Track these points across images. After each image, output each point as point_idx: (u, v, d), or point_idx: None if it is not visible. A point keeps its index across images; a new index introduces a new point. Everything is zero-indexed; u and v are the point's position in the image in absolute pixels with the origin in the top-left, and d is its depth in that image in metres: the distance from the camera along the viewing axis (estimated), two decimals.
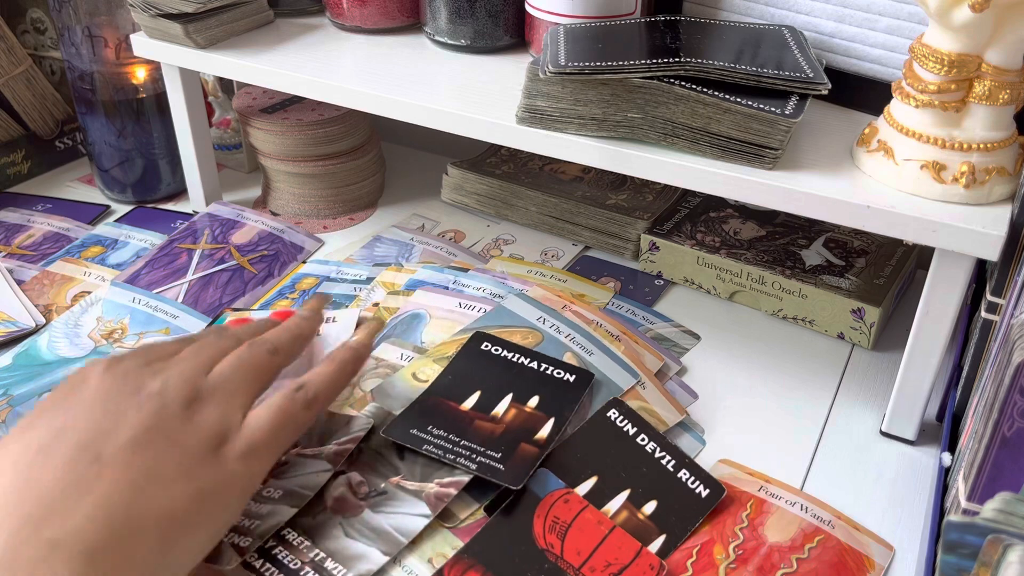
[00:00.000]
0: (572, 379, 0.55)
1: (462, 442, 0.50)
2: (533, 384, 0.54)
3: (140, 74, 0.75)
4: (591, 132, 0.56)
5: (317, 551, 0.45)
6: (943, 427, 0.55)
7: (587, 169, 0.78)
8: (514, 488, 0.48)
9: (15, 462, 0.35)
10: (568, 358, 0.57)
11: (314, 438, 0.51)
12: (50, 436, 0.36)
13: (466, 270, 0.67)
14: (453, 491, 0.48)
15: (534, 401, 0.53)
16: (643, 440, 0.52)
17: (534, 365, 0.56)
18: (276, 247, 0.73)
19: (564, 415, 0.53)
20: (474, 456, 0.49)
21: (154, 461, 0.37)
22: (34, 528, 0.33)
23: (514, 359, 0.56)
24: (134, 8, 0.68)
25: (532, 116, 0.57)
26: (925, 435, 0.56)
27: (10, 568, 0.31)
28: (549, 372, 0.55)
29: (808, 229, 0.71)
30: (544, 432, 0.52)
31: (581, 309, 0.62)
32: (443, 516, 0.48)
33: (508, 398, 0.54)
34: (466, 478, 0.49)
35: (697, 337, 0.65)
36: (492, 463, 0.49)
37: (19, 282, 0.68)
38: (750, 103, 0.51)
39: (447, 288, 0.64)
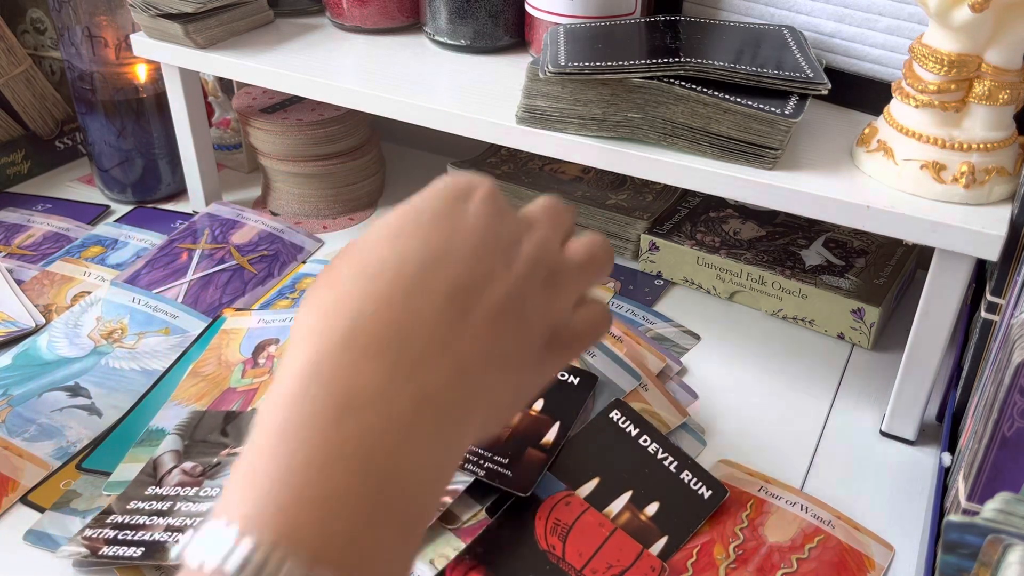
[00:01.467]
0: (576, 382, 0.55)
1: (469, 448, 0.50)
2: None
3: (140, 74, 0.75)
4: (591, 132, 0.56)
5: None
6: (943, 427, 0.55)
7: (587, 169, 0.78)
8: (523, 495, 0.48)
9: (398, 271, 0.33)
10: None
11: (244, 438, 0.51)
12: (431, 260, 0.34)
13: None
14: (449, 499, 0.48)
15: (539, 404, 0.53)
16: (645, 441, 0.52)
17: None
18: (276, 247, 0.73)
19: (569, 418, 0.53)
20: (481, 462, 0.49)
21: (501, 343, 0.34)
22: (409, 369, 0.31)
23: None
24: (134, 8, 0.68)
25: (532, 116, 0.57)
26: (925, 435, 0.56)
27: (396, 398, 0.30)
28: None
29: (808, 229, 0.71)
30: (550, 436, 0.52)
31: None
32: (445, 518, 0.48)
33: None
34: (461, 486, 0.48)
35: (697, 337, 0.65)
36: (500, 469, 0.49)
37: (19, 282, 0.68)
38: (750, 103, 0.51)
39: None
